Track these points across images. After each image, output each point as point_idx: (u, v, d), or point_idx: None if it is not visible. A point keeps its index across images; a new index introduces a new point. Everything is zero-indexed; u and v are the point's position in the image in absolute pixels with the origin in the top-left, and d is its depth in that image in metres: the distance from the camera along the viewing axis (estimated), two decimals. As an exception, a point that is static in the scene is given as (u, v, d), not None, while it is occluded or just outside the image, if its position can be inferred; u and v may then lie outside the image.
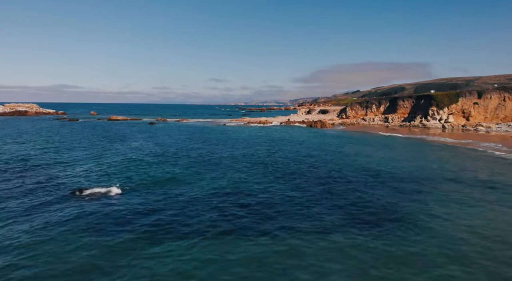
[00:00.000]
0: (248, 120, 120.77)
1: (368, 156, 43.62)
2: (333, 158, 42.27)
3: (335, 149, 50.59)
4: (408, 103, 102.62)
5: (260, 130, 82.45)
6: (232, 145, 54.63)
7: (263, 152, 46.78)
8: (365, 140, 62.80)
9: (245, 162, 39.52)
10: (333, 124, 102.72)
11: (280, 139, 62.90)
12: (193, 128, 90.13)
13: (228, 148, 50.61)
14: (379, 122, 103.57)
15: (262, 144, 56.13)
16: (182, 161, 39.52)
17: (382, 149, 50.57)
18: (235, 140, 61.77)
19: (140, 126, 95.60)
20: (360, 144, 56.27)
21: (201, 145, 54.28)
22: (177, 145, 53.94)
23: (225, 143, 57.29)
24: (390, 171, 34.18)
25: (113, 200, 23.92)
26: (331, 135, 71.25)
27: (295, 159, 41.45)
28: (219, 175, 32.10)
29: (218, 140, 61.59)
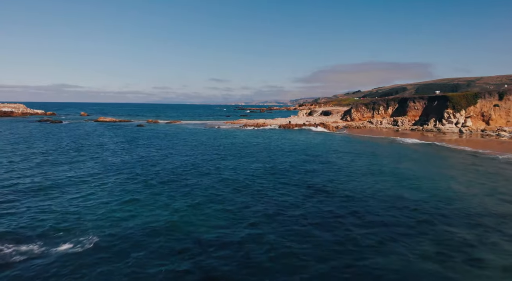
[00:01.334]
0: (245, 122, 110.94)
1: (394, 175, 33.67)
2: (353, 182, 32.37)
3: (349, 164, 40.66)
4: (419, 105, 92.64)
5: (256, 135, 72.59)
6: (215, 160, 44.75)
7: (252, 172, 36.89)
8: (378, 148, 52.85)
9: (226, 194, 29.63)
10: (337, 127, 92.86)
11: (278, 149, 53.01)
12: (182, 132, 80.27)
13: (208, 165, 40.76)
14: (387, 126, 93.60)
15: (255, 156, 46.24)
16: (144, 190, 29.67)
17: (405, 162, 40.59)
18: (221, 150, 51.91)
19: (126, 129, 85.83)
20: (377, 156, 46.30)
21: (180, 158, 44.41)
22: (151, 158, 44.10)
23: (209, 154, 47.42)
24: (437, 207, 24.12)
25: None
26: (337, 143, 61.30)
27: (294, 190, 31.53)
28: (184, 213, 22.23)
29: (203, 149, 51.74)
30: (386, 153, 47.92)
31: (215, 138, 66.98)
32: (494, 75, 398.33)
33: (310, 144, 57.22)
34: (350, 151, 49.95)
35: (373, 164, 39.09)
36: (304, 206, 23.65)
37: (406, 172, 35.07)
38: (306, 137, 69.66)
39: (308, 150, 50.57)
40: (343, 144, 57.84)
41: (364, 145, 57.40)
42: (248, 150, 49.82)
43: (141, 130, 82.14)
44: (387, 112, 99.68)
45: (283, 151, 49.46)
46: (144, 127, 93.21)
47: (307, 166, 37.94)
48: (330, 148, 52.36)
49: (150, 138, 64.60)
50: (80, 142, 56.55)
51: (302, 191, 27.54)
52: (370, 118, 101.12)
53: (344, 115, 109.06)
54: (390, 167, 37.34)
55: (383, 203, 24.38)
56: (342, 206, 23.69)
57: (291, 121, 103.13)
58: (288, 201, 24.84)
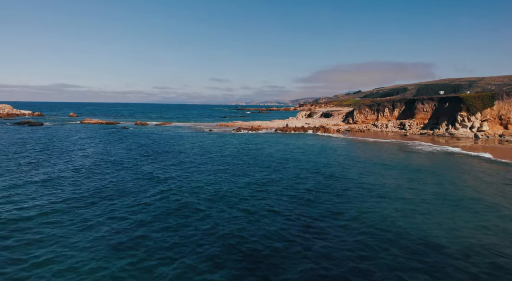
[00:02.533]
0: (240, 124, 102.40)
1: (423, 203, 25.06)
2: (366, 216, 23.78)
3: (357, 181, 32.01)
4: (428, 107, 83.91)
5: (248, 141, 64.03)
6: (183, 181, 36.24)
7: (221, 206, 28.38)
8: (389, 159, 44.15)
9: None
10: (338, 131, 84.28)
11: (268, 160, 44.44)
12: (166, 136, 71.74)
13: (170, 191, 32.34)
14: (393, 129, 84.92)
15: (237, 171, 37.70)
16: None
17: (430, 181, 31.93)
18: (197, 165, 43.39)
19: (107, 132, 77.37)
20: (390, 170, 37.62)
21: (142, 179, 35.91)
22: (95, 170, 35.58)
23: (179, 171, 38.91)
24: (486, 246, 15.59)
25: None
26: (339, 152, 52.69)
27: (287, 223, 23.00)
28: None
29: (179, 160, 43.21)
30: (400, 165, 39.26)
31: (201, 144, 58.47)
32: (496, 76, 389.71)
33: (307, 153, 48.61)
34: (355, 162, 41.31)
35: (387, 184, 30.49)
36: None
37: (438, 199, 26.47)
38: (304, 143, 61.06)
39: (305, 162, 41.94)
40: (346, 153, 49.21)
41: (371, 154, 48.76)
42: (237, 162, 41.30)
43: (121, 134, 73.64)
44: (393, 114, 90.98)
45: (273, 162, 40.88)
46: (128, 129, 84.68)
47: (304, 185, 29.38)
48: (331, 159, 43.72)
49: (123, 144, 56.13)
50: (59, 149, 48.07)
51: (296, 230, 18.97)
52: (374, 121, 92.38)
53: (346, 117, 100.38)
54: (412, 188, 28.73)
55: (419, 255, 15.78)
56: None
57: (288, 124, 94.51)
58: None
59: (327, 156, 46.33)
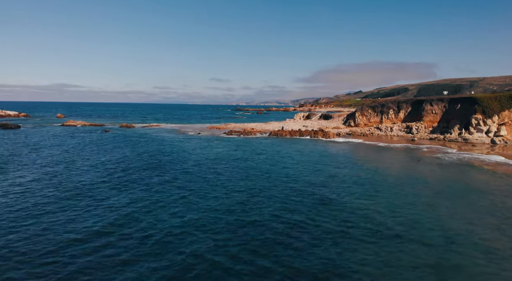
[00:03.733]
0: (232, 127, 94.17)
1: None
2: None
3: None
4: (438, 108, 75.44)
5: (235, 147, 55.77)
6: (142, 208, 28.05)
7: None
8: (402, 172, 35.84)
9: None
10: (338, 135, 75.98)
11: (253, 174, 36.20)
12: (143, 141, 63.52)
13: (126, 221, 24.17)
14: (399, 133, 76.47)
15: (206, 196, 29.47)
16: None
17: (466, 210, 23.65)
18: (164, 183, 35.20)
19: (82, 136, 69.25)
20: (406, 189, 29.27)
21: (93, 206, 27.80)
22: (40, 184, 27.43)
23: (141, 193, 30.75)
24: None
25: None
26: (340, 163, 44.37)
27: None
28: None
29: (147, 174, 35.01)
30: (420, 183, 30.94)
31: (179, 152, 50.23)
32: (498, 76, 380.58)
33: (302, 166, 40.27)
34: (360, 178, 32.98)
35: (404, 214, 22.18)
36: None
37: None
38: (299, 151, 52.74)
39: (297, 178, 33.64)
40: (349, 165, 40.84)
41: (380, 165, 40.37)
42: (192, 180, 33.02)
43: (97, 138, 65.49)
44: (398, 116, 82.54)
45: (256, 180, 32.57)
46: (108, 133, 76.50)
47: (290, 219, 21.13)
48: (330, 173, 35.39)
49: (85, 151, 47.95)
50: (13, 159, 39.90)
51: None
52: (378, 124, 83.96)
53: (347, 120, 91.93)
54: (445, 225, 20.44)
55: None
56: None
57: (284, 126, 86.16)
58: None
59: (325, 169, 38.02)
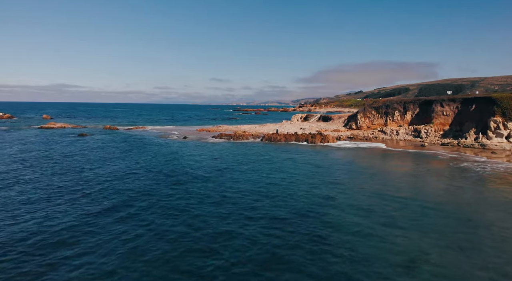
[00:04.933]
0: (224, 129, 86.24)
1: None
2: None
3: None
4: (449, 109, 67.26)
5: (220, 155, 47.79)
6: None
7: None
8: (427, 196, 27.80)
9: None
10: (339, 139, 67.95)
11: (225, 198, 28.20)
12: (112, 149, 55.65)
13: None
14: (406, 137, 68.27)
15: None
16: None
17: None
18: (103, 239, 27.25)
19: (54, 141, 61.38)
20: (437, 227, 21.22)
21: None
22: None
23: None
24: None
25: None
26: (340, 179, 36.35)
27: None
28: None
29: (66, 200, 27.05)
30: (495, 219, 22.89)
31: (149, 168, 42.28)
32: (499, 76, 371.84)
33: (294, 183, 32.24)
34: (374, 207, 24.94)
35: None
36: None
37: None
38: (292, 161, 44.64)
39: (281, 206, 25.64)
40: (352, 182, 32.80)
41: (394, 183, 32.29)
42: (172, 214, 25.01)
43: (68, 143, 57.61)
44: (405, 118, 74.36)
45: (226, 208, 24.60)
46: (83, 137, 68.56)
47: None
48: (330, 195, 27.38)
49: (38, 160, 40.05)
50: None
51: None
52: (382, 126, 75.78)
53: (348, 122, 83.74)
54: None
55: None
56: None
57: (279, 129, 78.10)
58: None
59: (320, 189, 29.95)
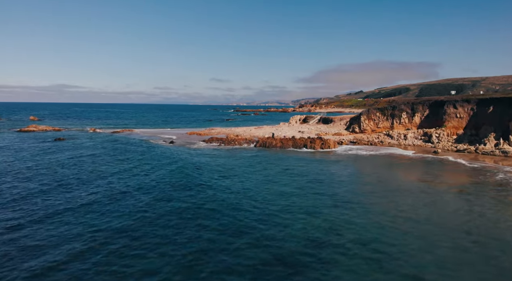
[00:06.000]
0: (217, 132, 79.39)
1: None
2: None
3: None
4: (463, 111, 60.26)
5: (203, 165, 40.90)
6: None
7: None
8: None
9: None
10: (340, 143, 61.07)
11: (193, 229, 21.28)
12: (84, 157, 48.88)
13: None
14: (415, 141, 61.25)
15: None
16: None
17: None
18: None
19: (24, 148, 54.65)
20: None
21: None
22: None
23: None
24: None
25: None
26: (348, 196, 29.37)
27: None
28: None
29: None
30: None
31: (110, 172, 35.43)
32: (500, 75, 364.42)
33: (282, 209, 25.33)
34: (390, 241, 18.04)
35: None
36: None
37: None
38: (286, 172, 37.68)
39: (268, 245, 18.71)
40: (360, 207, 25.84)
41: (417, 202, 25.40)
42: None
43: (38, 151, 50.84)
44: (413, 120, 67.33)
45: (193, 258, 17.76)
46: (60, 141, 61.75)
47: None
48: (330, 234, 20.45)
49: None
50: None
51: None
52: (388, 129, 68.77)
53: (350, 124, 76.72)
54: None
55: None
56: None
57: (276, 132, 71.15)
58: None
59: (322, 213, 23.02)
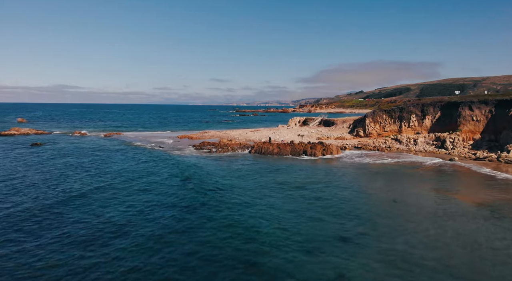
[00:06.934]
0: (210, 136, 73.44)
1: None
2: None
3: None
4: (480, 114, 54.14)
5: (186, 178, 34.87)
6: None
7: None
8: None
9: None
10: (344, 148, 55.09)
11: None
12: (47, 175, 42.92)
13: None
14: (426, 147, 55.13)
15: None
16: None
17: None
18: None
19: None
20: None
21: None
22: None
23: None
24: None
25: None
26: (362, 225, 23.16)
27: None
28: None
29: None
30: None
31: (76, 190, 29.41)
32: (502, 75, 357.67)
33: (276, 245, 19.24)
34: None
35: None
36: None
37: None
38: (282, 187, 31.54)
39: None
40: (374, 241, 19.74)
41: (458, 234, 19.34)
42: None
43: (11, 159, 44.91)
44: (423, 123, 61.20)
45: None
46: (36, 147, 55.80)
47: None
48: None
49: None
50: None
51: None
52: (395, 133, 62.66)
53: (354, 128, 70.58)
54: None
55: None
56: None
57: (274, 136, 65.07)
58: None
59: (326, 251, 16.96)
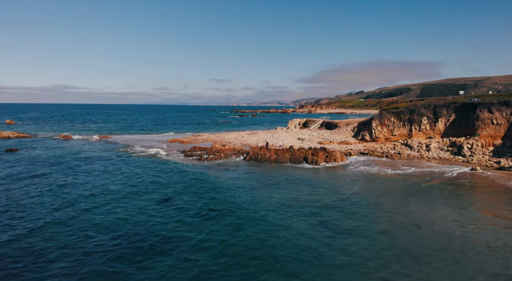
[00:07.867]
0: (204, 139, 67.77)
1: None
2: None
3: None
4: (501, 117, 48.38)
5: (164, 196, 29.25)
6: None
7: None
8: None
9: None
10: (349, 154, 49.43)
11: None
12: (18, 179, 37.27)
13: None
14: (440, 153, 49.37)
15: None
16: None
17: None
18: None
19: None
20: None
21: None
22: None
23: None
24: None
25: None
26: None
27: None
28: None
29: None
30: None
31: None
32: (503, 75, 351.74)
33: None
34: None
35: None
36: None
37: None
38: (279, 207, 25.79)
39: None
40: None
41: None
42: None
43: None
44: (436, 127, 55.44)
45: None
46: (9, 154, 50.27)
47: None
48: None
49: None
50: None
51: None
52: (405, 137, 56.90)
53: (359, 131, 64.79)
54: None
55: None
56: None
57: (271, 140, 59.33)
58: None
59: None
